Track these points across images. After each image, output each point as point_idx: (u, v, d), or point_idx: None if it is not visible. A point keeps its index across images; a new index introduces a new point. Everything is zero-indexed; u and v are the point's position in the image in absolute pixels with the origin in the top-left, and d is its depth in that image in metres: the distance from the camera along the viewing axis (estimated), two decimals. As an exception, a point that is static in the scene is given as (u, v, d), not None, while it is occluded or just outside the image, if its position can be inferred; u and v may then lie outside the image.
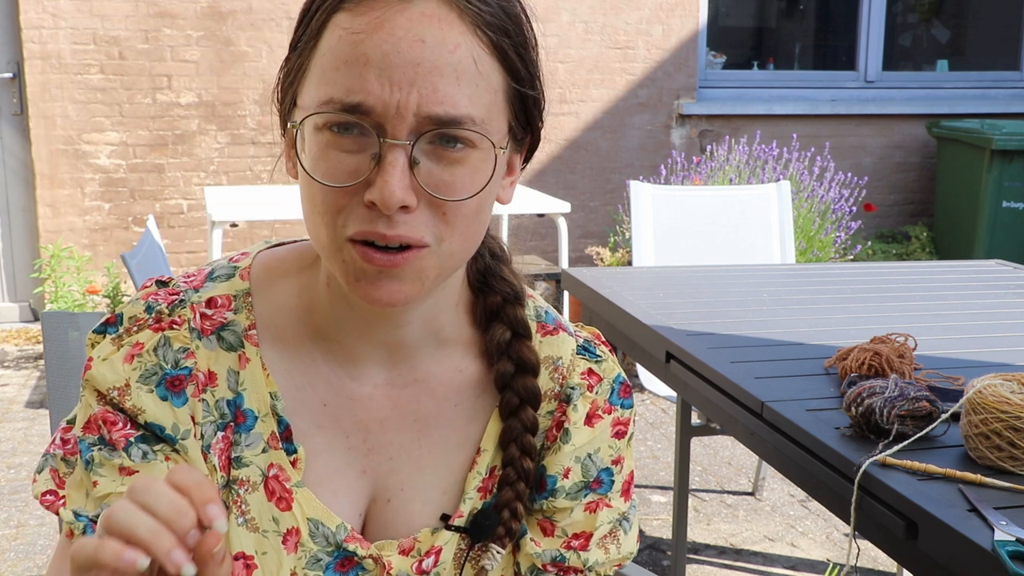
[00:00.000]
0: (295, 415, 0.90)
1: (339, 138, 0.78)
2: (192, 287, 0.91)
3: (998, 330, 2.07)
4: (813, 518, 3.22)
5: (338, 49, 0.78)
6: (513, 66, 0.82)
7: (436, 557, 0.92)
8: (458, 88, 0.77)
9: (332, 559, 0.90)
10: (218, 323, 0.89)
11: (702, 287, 2.45)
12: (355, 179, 0.77)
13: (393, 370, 0.91)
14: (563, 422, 0.95)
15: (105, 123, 4.89)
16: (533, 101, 0.85)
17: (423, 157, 0.78)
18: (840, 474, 1.38)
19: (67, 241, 4.88)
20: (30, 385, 4.31)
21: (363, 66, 0.76)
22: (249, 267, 0.92)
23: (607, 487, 0.97)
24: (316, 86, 0.79)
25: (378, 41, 0.76)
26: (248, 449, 0.89)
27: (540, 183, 5.35)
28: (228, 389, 0.88)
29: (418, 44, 0.76)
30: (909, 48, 6.52)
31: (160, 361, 0.87)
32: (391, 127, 0.76)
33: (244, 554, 0.88)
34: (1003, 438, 1.28)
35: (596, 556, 0.97)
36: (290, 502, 0.89)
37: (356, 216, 0.78)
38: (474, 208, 0.81)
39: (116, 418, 0.86)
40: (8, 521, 3.11)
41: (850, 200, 5.20)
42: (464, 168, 0.79)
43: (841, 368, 1.68)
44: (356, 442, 0.91)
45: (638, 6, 5.46)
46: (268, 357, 0.90)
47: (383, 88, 0.76)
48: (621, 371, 0.99)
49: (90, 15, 4.79)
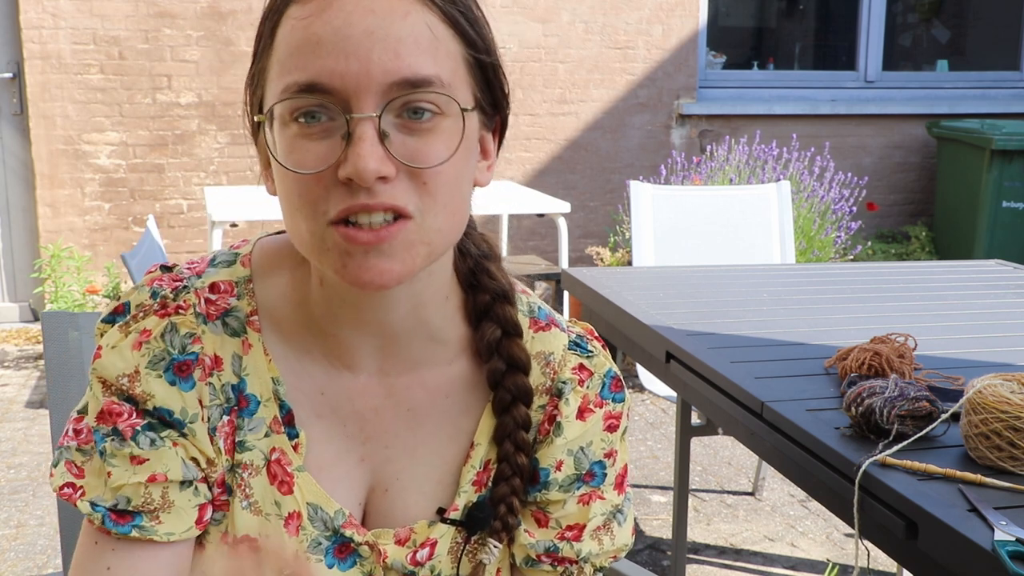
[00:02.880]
0: (295, 403, 0.91)
1: (307, 127, 0.78)
2: (195, 273, 0.92)
3: (998, 330, 2.07)
4: (813, 518, 3.22)
5: (291, 38, 0.79)
6: (466, 33, 0.82)
7: (431, 550, 0.93)
8: (418, 50, 0.78)
9: (331, 544, 0.91)
10: (222, 308, 0.90)
11: (702, 287, 2.45)
12: (328, 162, 0.77)
13: (386, 360, 0.92)
14: (555, 416, 0.96)
15: (105, 123, 4.89)
16: (493, 70, 0.86)
17: (392, 130, 0.78)
18: (840, 474, 1.38)
19: (67, 241, 4.88)
20: (30, 385, 4.31)
21: (316, 45, 0.77)
22: (250, 254, 0.93)
23: (600, 480, 0.98)
24: (276, 80, 0.80)
25: (328, 19, 0.77)
26: (251, 433, 0.90)
27: (540, 183, 5.35)
28: (233, 374, 0.89)
29: (369, 14, 0.77)
30: (909, 48, 6.52)
31: (168, 347, 0.87)
32: (356, 101, 0.76)
33: (248, 537, 0.90)
34: (1003, 438, 1.28)
35: (590, 547, 0.98)
36: (291, 486, 0.90)
37: (335, 198, 0.78)
38: (452, 177, 0.81)
39: (121, 408, 0.87)
40: (8, 521, 3.11)
41: (850, 200, 5.20)
42: (435, 136, 0.79)
43: (841, 368, 1.68)
44: (353, 431, 0.93)
45: (638, 6, 5.46)
46: (269, 343, 0.91)
47: (339, 61, 0.76)
48: (613, 366, 1.00)
49: (90, 15, 4.79)
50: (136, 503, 0.86)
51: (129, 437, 0.86)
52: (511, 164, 5.37)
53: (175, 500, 0.87)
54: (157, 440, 0.87)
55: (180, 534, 0.88)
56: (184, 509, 0.88)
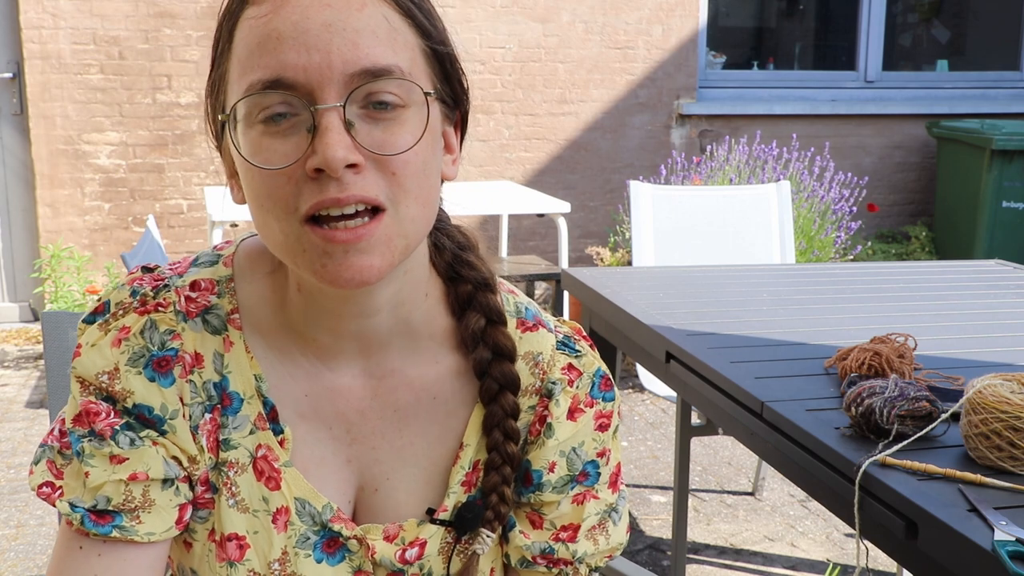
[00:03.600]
0: (278, 403, 0.91)
1: (272, 127, 0.78)
2: (176, 273, 0.92)
3: (998, 330, 2.07)
4: (813, 518, 3.22)
5: (250, 37, 0.79)
6: (422, 23, 0.83)
7: (421, 549, 0.93)
8: (377, 41, 0.78)
9: (319, 538, 0.91)
10: (202, 306, 0.90)
11: (702, 287, 2.45)
12: (295, 158, 0.78)
13: (368, 360, 0.92)
14: (546, 416, 0.96)
15: (105, 123, 4.89)
16: (450, 60, 0.86)
17: (357, 120, 0.78)
18: (840, 474, 1.38)
19: (67, 241, 4.88)
20: (30, 385, 4.31)
21: (276, 41, 0.77)
22: (232, 255, 0.94)
23: (593, 479, 0.98)
24: (238, 80, 0.80)
25: (286, 15, 0.78)
26: (236, 431, 0.90)
27: (540, 183, 5.35)
28: (214, 371, 0.90)
29: (326, 8, 0.78)
30: (909, 48, 6.52)
31: (147, 343, 0.88)
32: (319, 93, 0.77)
33: (236, 535, 0.90)
34: (1003, 438, 1.28)
35: (585, 548, 0.98)
36: (279, 481, 0.90)
37: (306, 193, 0.78)
38: (419, 165, 0.81)
39: (99, 408, 0.87)
40: (8, 521, 3.11)
41: (850, 200, 5.20)
42: (399, 124, 0.80)
43: (841, 368, 1.68)
44: (339, 432, 0.93)
45: (638, 6, 5.46)
46: (251, 343, 0.91)
47: (300, 55, 0.77)
48: (602, 365, 1.00)
49: (90, 15, 4.79)
50: (117, 502, 0.86)
51: (108, 436, 0.86)
52: (511, 164, 5.37)
53: (156, 499, 0.87)
54: (136, 440, 0.87)
55: (160, 534, 0.88)
56: (164, 508, 0.88)
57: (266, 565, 0.90)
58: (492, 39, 5.28)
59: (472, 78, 1.11)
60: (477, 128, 5.28)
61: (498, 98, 5.30)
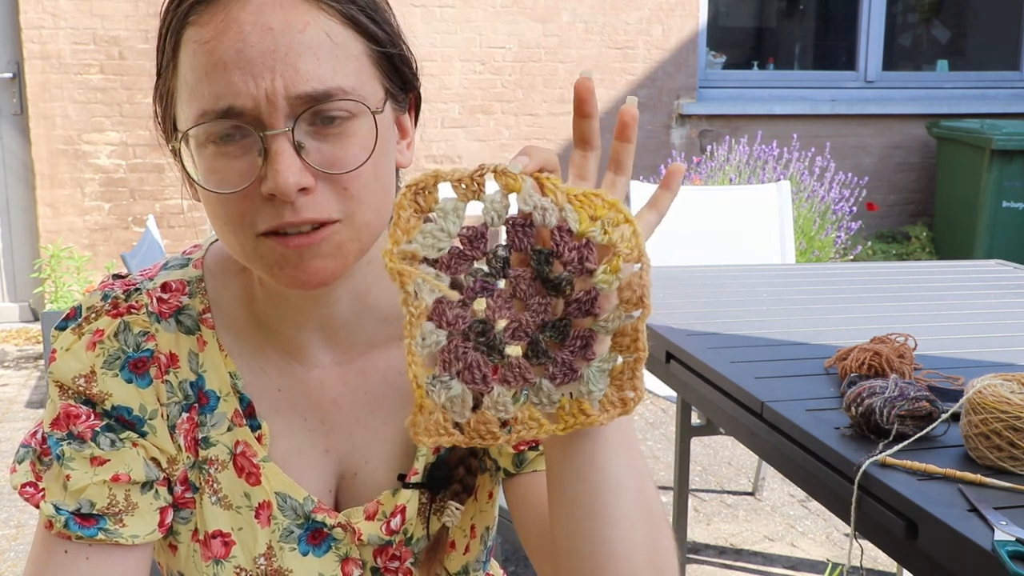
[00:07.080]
0: (254, 398, 0.92)
1: (224, 147, 0.79)
2: (147, 277, 0.94)
3: (998, 330, 2.07)
4: (813, 518, 3.22)
5: (195, 63, 0.80)
6: (368, 30, 0.83)
7: (402, 516, 0.95)
8: (319, 64, 0.79)
9: (303, 531, 0.93)
10: (174, 307, 0.92)
11: (702, 287, 2.45)
12: (248, 180, 0.79)
13: (337, 349, 0.94)
14: None
15: (105, 123, 4.89)
16: (400, 59, 0.87)
17: (307, 139, 0.79)
18: (840, 474, 1.38)
19: (67, 241, 4.88)
20: (30, 385, 4.31)
21: (222, 70, 0.78)
22: (202, 258, 0.96)
23: None
24: (187, 105, 0.81)
25: (229, 42, 0.78)
26: (214, 429, 0.91)
27: (540, 183, 5.35)
28: (190, 371, 0.91)
29: (268, 33, 0.78)
30: (909, 48, 6.52)
31: (122, 345, 0.89)
32: (267, 118, 0.78)
33: (221, 532, 0.91)
34: (1003, 438, 1.28)
35: None
36: (259, 476, 0.91)
37: (262, 214, 0.79)
38: (371, 175, 0.82)
39: (79, 411, 0.88)
40: (8, 521, 3.11)
41: (850, 200, 5.20)
42: (348, 139, 0.80)
43: (841, 368, 1.68)
44: (315, 424, 0.94)
45: (638, 6, 5.46)
46: (224, 340, 0.92)
47: (247, 84, 0.77)
48: None
49: (90, 15, 4.79)
50: (101, 505, 0.87)
51: (89, 438, 0.87)
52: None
53: (138, 503, 0.88)
54: (117, 441, 0.88)
55: (144, 536, 0.88)
56: (147, 512, 0.89)
57: (252, 561, 0.91)
58: (492, 39, 5.28)
59: (472, 78, 1.11)
60: (477, 128, 5.28)
61: (498, 98, 5.30)
